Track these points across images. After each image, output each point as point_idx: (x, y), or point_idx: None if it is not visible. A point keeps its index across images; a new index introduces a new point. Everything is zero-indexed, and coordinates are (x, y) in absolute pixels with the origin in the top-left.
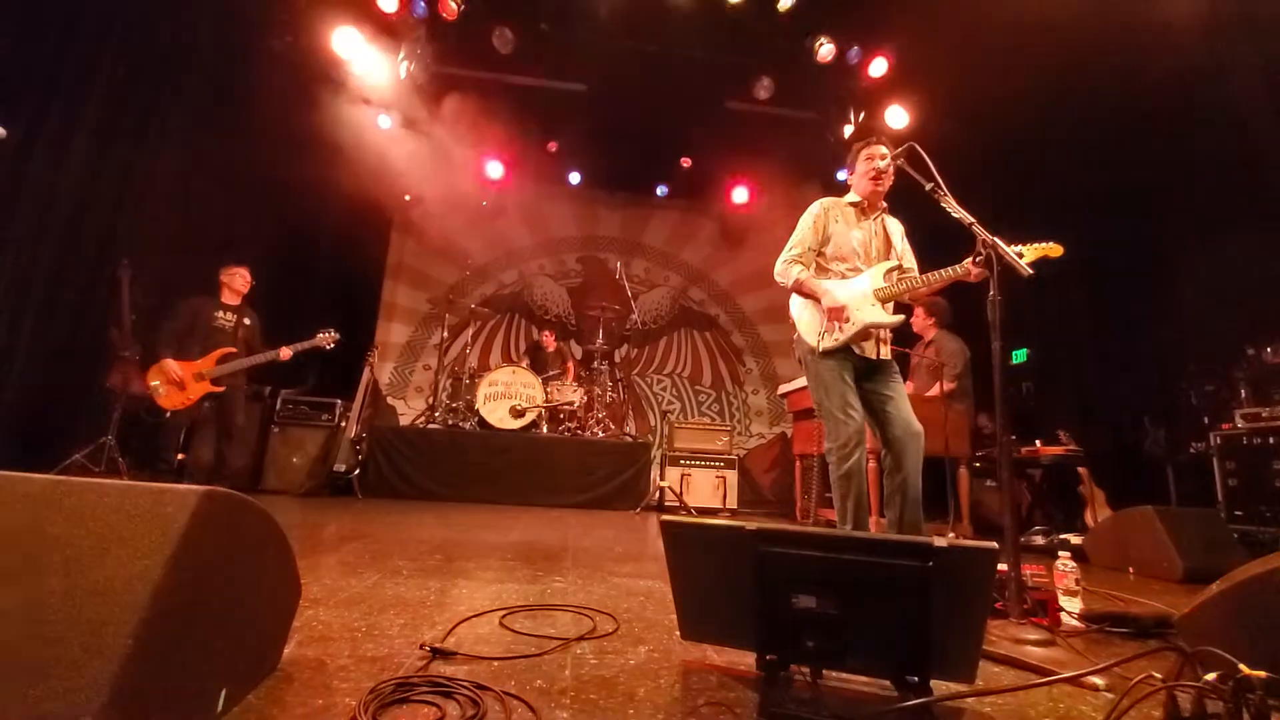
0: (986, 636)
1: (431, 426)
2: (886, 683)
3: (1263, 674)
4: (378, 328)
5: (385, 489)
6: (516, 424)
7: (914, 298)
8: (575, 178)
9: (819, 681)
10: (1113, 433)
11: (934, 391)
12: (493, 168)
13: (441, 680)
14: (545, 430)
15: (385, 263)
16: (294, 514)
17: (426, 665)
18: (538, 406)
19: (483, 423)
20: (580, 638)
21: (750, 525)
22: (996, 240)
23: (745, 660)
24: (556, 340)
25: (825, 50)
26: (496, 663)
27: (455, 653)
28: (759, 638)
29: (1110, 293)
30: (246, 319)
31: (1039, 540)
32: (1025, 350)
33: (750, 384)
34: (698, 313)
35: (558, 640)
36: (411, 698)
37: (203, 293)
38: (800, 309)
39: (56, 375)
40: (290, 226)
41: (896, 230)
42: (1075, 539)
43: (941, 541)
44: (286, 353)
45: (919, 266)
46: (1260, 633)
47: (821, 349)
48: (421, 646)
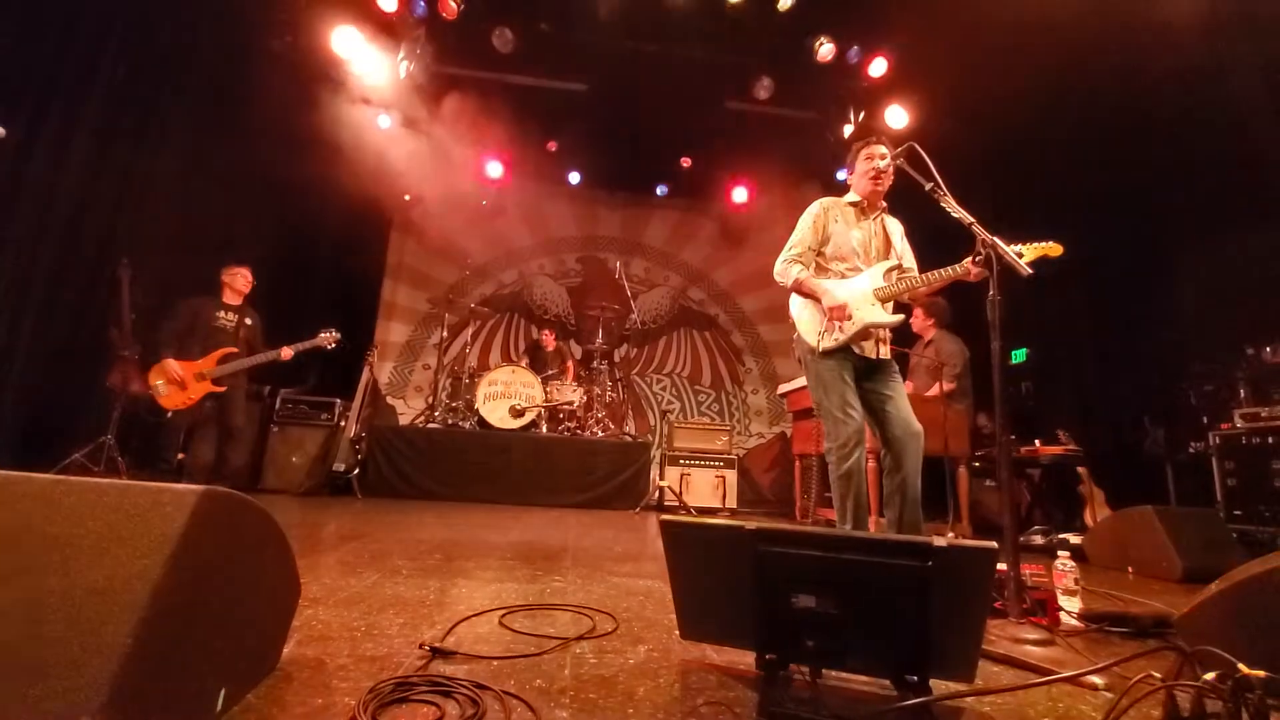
0: (986, 636)
1: (431, 426)
2: (886, 682)
3: (1261, 673)
4: (377, 327)
5: (385, 488)
6: (516, 424)
7: (914, 297)
8: (575, 177)
9: (818, 681)
10: (1112, 432)
11: (933, 391)
12: (492, 167)
13: (441, 680)
14: (545, 430)
15: (385, 262)
16: (293, 513)
17: (426, 665)
18: (537, 406)
19: (482, 422)
20: (580, 637)
21: (750, 525)
22: (996, 240)
23: (745, 660)
24: (556, 340)
25: (825, 50)
26: (496, 662)
27: (455, 652)
28: (758, 637)
29: (1110, 292)
30: (248, 319)
31: (1038, 540)
32: (1025, 350)
33: (750, 384)
34: (697, 312)
35: (557, 640)
36: (411, 697)
37: (203, 292)
38: (800, 309)
39: (56, 375)
40: (290, 226)
41: (896, 230)
42: (1074, 539)
43: (941, 541)
44: (288, 352)
45: (919, 266)
46: (1259, 632)
47: (821, 349)
48: (421, 646)
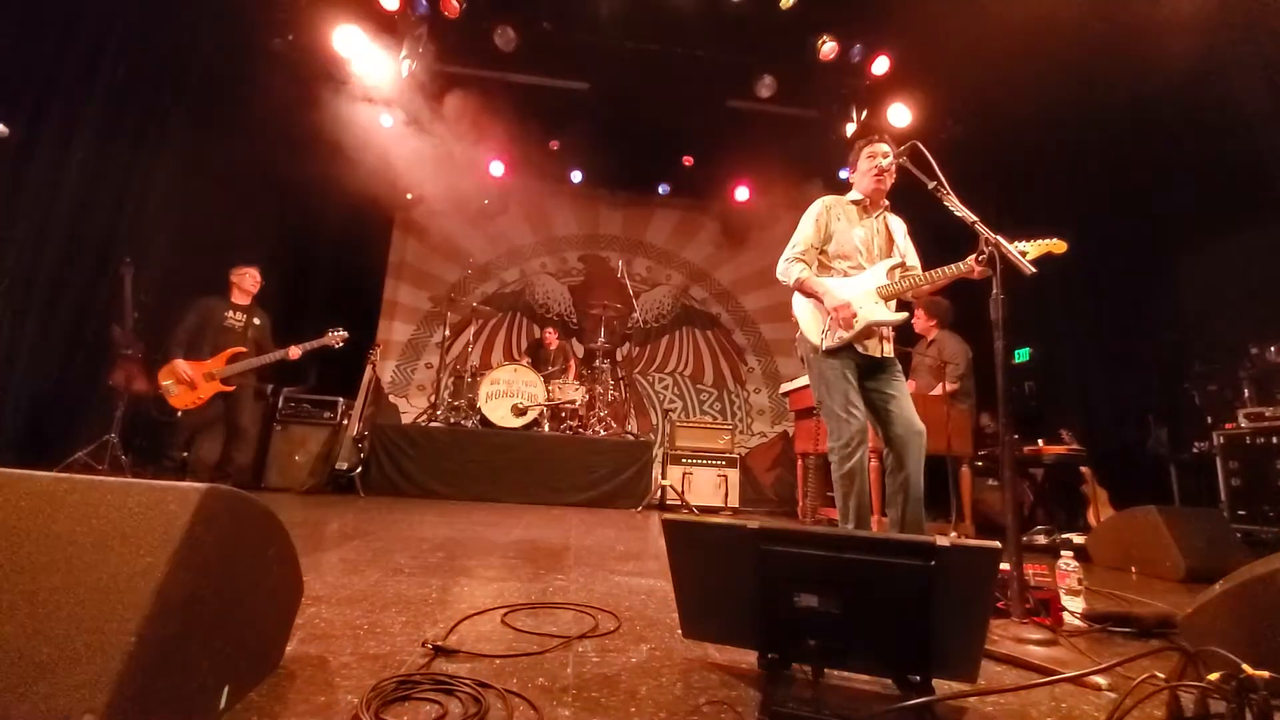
0: (989, 636)
1: (433, 425)
2: (888, 682)
3: (1266, 674)
4: (379, 326)
5: (387, 487)
6: (518, 422)
7: (916, 295)
8: (577, 176)
9: (821, 680)
10: (1115, 432)
11: (936, 391)
12: (494, 166)
13: (444, 678)
14: (547, 429)
15: (387, 261)
16: (296, 512)
17: (429, 663)
18: (539, 405)
19: (485, 421)
20: (582, 636)
21: (752, 524)
22: (999, 239)
23: (747, 659)
24: (558, 339)
25: (827, 48)
26: (499, 660)
27: (457, 650)
28: (761, 636)
29: (1113, 291)
30: (256, 319)
31: (1041, 540)
32: (1028, 349)
33: (752, 383)
34: (699, 311)
35: (560, 638)
36: (414, 695)
37: (206, 291)
38: (803, 307)
39: (59, 374)
40: (292, 225)
41: (899, 228)
42: (1078, 538)
43: (944, 541)
44: (296, 352)
45: (921, 265)
46: (1263, 633)
47: (824, 347)
48: (424, 644)
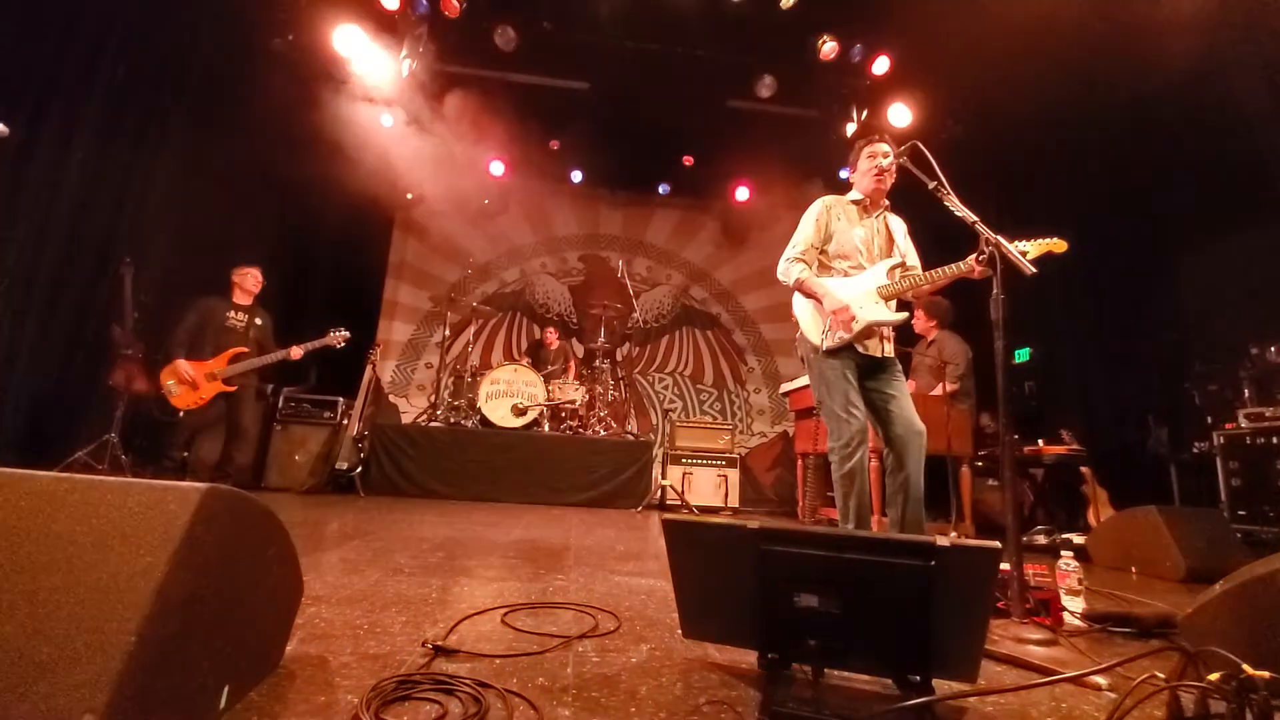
0: (989, 636)
1: (433, 424)
2: (888, 682)
3: (1266, 674)
4: (380, 326)
5: (387, 487)
6: (518, 422)
7: (917, 295)
8: (577, 176)
9: (821, 680)
10: (1116, 432)
11: (936, 391)
12: (494, 166)
13: (444, 678)
14: (547, 428)
15: (387, 261)
16: (296, 512)
17: (429, 663)
18: (539, 405)
19: (485, 421)
20: (582, 636)
21: (752, 524)
22: (999, 238)
23: (747, 659)
24: (558, 339)
25: (828, 48)
26: (499, 660)
27: (457, 650)
28: (761, 636)
29: (1113, 292)
30: (258, 319)
31: (1041, 540)
32: (1028, 349)
33: (752, 383)
34: (699, 311)
35: (560, 638)
36: (414, 695)
37: (206, 291)
38: (803, 308)
39: (60, 373)
40: (292, 225)
41: (899, 228)
42: (1078, 538)
43: (944, 541)
44: (298, 352)
45: (921, 265)
46: (1263, 633)
47: (825, 348)
48: (424, 644)
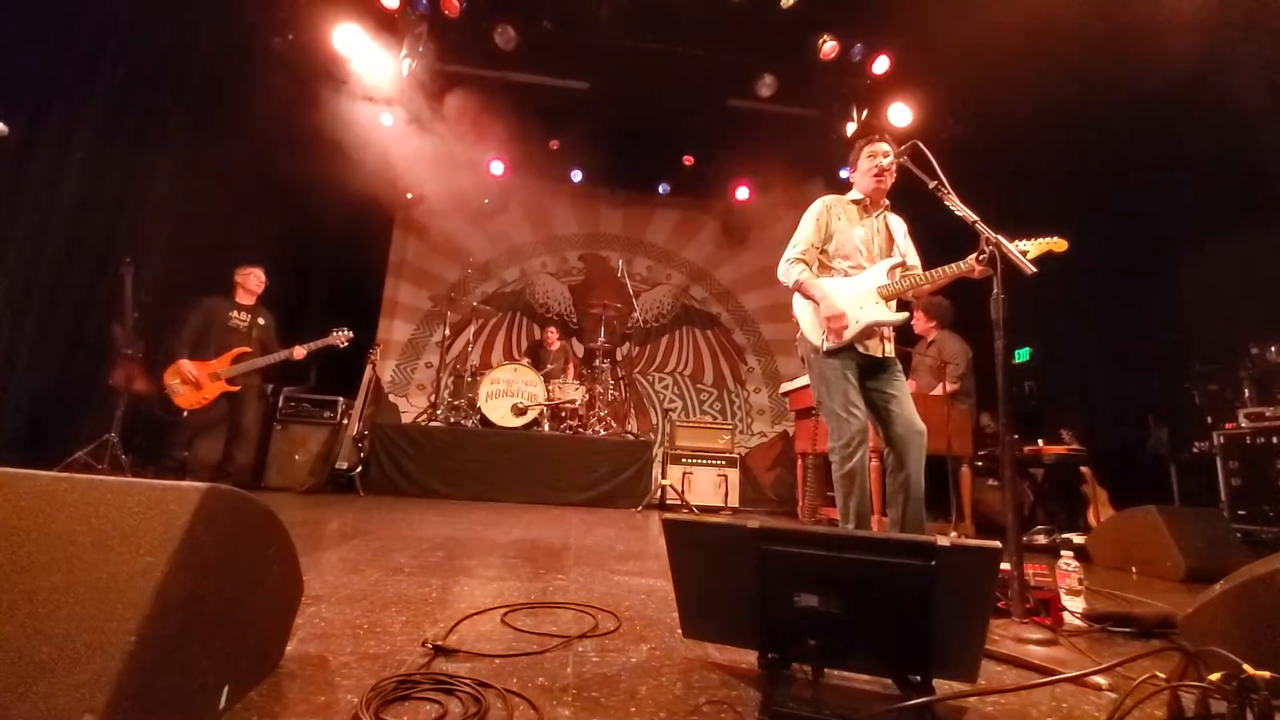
0: (989, 636)
1: (433, 424)
2: (889, 681)
3: (1267, 674)
4: (380, 325)
5: (387, 486)
6: (518, 422)
7: (917, 295)
8: (577, 175)
9: (821, 680)
10: (1116, 432)
11: (936, 391)
12: (494, 165)
13: (443, 677)
14: (547, 428)
15: (387, 260)
16: (296, 511)
17: (429, 663)
18: (539, 404)
19: (485, 420)
20: (582, 635)
21: (752, 523)
22: (1000, 238)
23: (747, 659)
24: (558, 338)
25: (828, 48)
26: (498, 660)
27: (457, 650)
28: (761, 636)
29: (1113, 291)
30: (261, 318)
31: (1041, 539)
32: (1028, 349)
33: (752, 382)
34: (699, 311)
35: (560, 638)
36: (414, 695)
37: (206, 290)
38: (803, 308)
39: (60, 373)
40: (292, 225)
41: (899, 227)
42: (1078, 538)
43: (944, 540)
44: (300, 352)
45: (921, 265)
46: (1264, 633)
47: (825, 348)
48: (423, 644)
